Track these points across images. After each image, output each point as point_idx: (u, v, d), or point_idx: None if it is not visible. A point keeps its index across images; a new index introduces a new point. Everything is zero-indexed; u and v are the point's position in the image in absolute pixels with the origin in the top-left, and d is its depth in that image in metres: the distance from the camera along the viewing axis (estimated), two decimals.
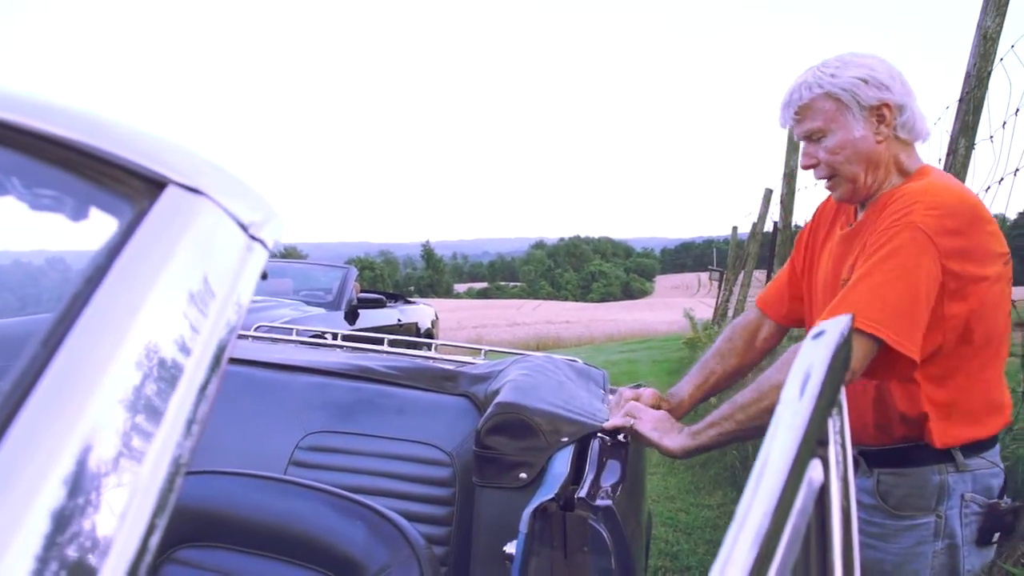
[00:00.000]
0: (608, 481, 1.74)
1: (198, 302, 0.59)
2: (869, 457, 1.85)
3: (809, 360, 0.55)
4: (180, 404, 0.57)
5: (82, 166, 0.59)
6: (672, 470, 6.16)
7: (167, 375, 0.56)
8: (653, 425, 1.89)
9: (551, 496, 1.53)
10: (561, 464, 1.77)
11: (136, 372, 0.54)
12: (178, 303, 0.58)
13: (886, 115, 1.76)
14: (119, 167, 0.58)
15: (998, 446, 1.82)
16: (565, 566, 1.52)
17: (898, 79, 1.77)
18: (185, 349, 0.57)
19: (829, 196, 2.01)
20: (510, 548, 1.57)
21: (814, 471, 0.56)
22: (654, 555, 4.26)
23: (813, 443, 0.54)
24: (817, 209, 2.16)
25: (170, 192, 0.59)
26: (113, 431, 0.52)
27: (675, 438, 1.85)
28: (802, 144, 1.88)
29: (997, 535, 1.77)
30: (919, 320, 1.63)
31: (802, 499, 0.51)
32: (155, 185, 0.59)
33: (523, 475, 1.86)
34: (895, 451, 1.80)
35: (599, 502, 1.57)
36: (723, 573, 0.42)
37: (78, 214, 0.60)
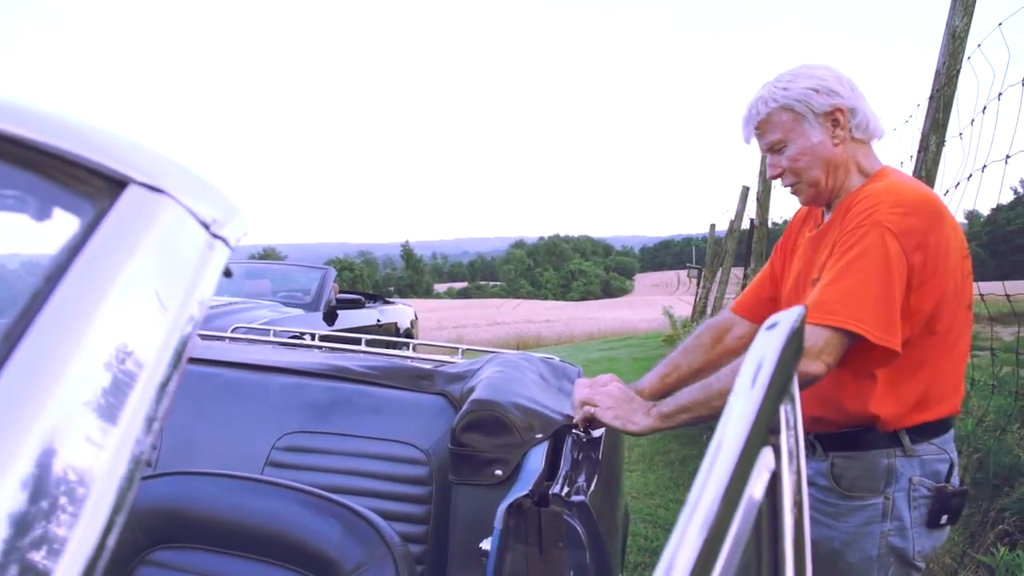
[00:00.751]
0: (582, 477, 1.76)
1: (159, 300, 0.59)
2: (824, 441, 1.93)
3: (762, 350, 0.57)
4: (140, 402, 0.56)
5: (44, 166, 0.59)
6: (651, 466, 6.20)
7: (127, 373, 0.55)
8: (614, 413, 1.88)
9: (525, 492, 1.55)
10: (536, 460, 1.79)
11: (96, 370, 0.54)
12: (139, 301, 0.57)
13: (840, 119, 1.86)
14: (81, 167, 0.59)
15: (951, 433, 1.89)
16: (540, 562, 1.53)
17: (847, 84, 1.88)
18: (146, 347, 0.57)
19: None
20: (486, 545, 1.58)
21: (766, 458, 0.57)
22: (633, 551, 4.29)
23: (764, 431, 0.56)
24: (792, 217, 2.25)
25: (132, 191, 0.59)
26: (72, 430, 0.52)
27: (639, 421, 1.85)
28: (767, 157, 1.97)
29: (945, 518, 1.85)
30: (895, 314, 1.71)
31: (753, 485, 0.52)
32: (116, 184, 0.59)
33: (498, 472, 1.87)
34: (847, 435, 1.88)
35: (573, 498, 1.58)
36: (675, 555, 0.43)
37: (41, 214, 0.60)
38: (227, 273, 0.66)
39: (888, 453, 1.83)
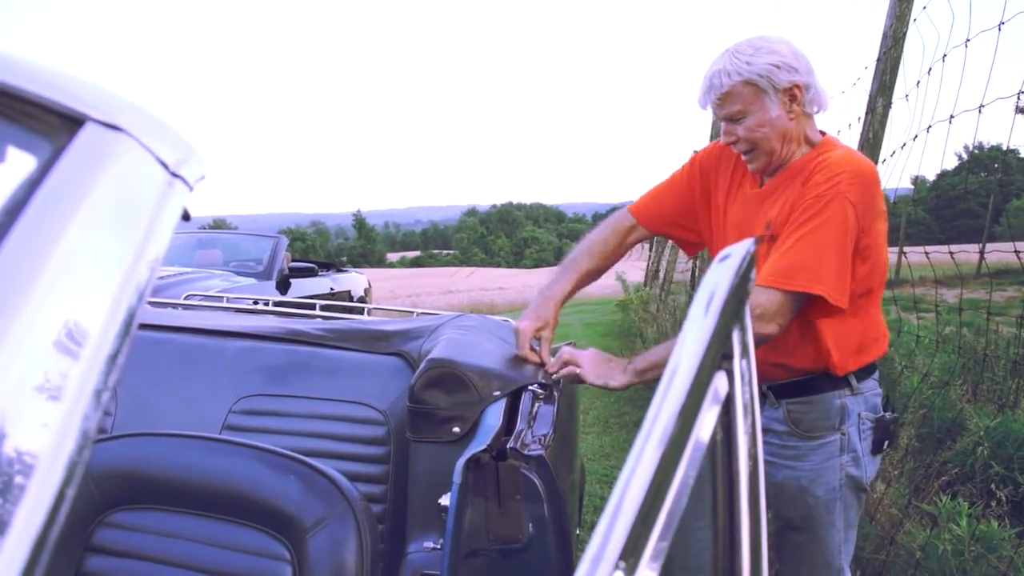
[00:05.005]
0: (539, 432, 1.78)
1: (117, 250, 0.59)
2: (777, 390, 2.09)
3: (715, 280, 0.59)
4: (87, 375, 0.55)
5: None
6: (607, 429, 6.27)
7: (73, 348, 0.54)
8: (596, 373, 2.03)
9: (484, 447, 1.56)
10: (493, 417, 1.80)
11: (43, 346, 0.53)
12: (97, 242, 0.57)
13: (797, 95, 1.96)
14: (36, 104, 0.58)
15: (877, 371, 2.12)
16: (499, 515, 1.55)
17: (803, 61, 1.97)
18: (95, 317, 0.55)
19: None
20: (445, 500, 1.60)
21: (719, 382, 0.59)
22: (590, 511, 4.35)
23: (718, 356, 0.58)
24: (714, 152, 2.28)
25: (89, 129, 0.59)
26: (16, 399, 0.50)
27: (619, 378, 2.00)
28: (723, 124, 2.04)
29: (886, 444, 2.08)
30: (847, 276, 1.88)
31: (708, 406, 0.54)
32: (74, 122, 0.59)
33: (456, 429, 1.89)
34: (801, 383, 2.05)
35: (531, 451, 1.60)
36: (633, 472, 0.45)
37: None
38: (185, 216, 0.66)
39: (840, 394, 2.02)
